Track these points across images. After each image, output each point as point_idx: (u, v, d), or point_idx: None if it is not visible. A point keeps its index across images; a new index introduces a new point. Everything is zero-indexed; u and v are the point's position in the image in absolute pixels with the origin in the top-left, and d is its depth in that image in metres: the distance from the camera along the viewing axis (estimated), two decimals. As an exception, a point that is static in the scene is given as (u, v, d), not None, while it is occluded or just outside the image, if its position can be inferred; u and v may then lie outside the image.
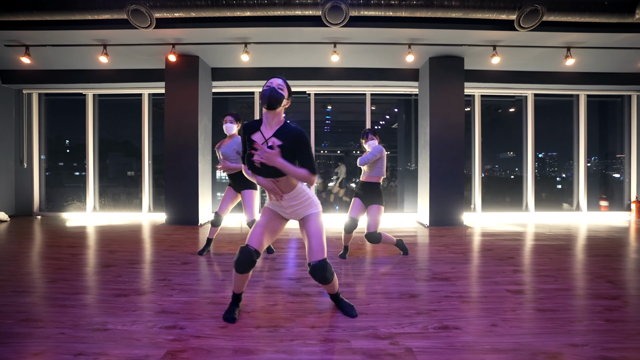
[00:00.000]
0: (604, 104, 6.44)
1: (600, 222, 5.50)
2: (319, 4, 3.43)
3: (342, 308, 1.95)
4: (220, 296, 2.22)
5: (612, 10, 3.63)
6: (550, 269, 2.85)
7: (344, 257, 3.15)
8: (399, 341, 1.61)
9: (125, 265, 2.95)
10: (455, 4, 3.50)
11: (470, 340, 1.62)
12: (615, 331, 1.72)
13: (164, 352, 1.53)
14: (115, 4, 3.51)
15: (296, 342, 1.62)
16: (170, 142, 4.93)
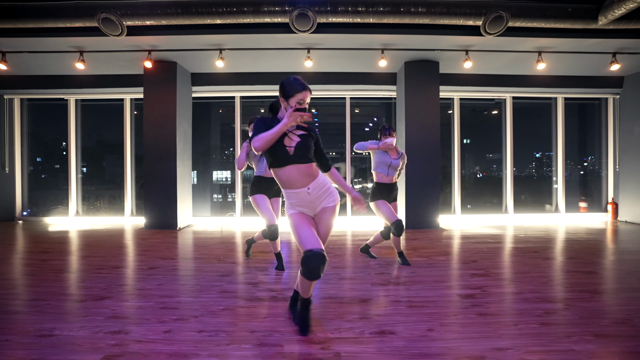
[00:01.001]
0: (584, 107, 6.52)
1: (577, 223, 5.57)
2: (287, 12, 3.49)
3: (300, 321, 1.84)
4: (175, 301, 2.27)
5: (576, 17, 3.69)
6: (509, 272, 2.91)
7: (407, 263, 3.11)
8: (330, 346, 1.65)
9: (93, 270, 3.00)
10: (422, 11, 3.56)
11: (401, 345, 1.67)
12: (545, 334, 1.77)
13: (101, 357, 1.58)
14: (87, 12, 3.55)
15: (231, 346, 1.66)
16: (150, 147, 4.98)
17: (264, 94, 5.81)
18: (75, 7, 3.56)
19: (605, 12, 3.62)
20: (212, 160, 6.34)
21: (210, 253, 3.64)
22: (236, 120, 5.88)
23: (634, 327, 1.84)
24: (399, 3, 3.52)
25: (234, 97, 5.81)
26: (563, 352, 1.59)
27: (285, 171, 1.72)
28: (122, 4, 3.55)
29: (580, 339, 1.71)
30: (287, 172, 1.72)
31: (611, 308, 2.12)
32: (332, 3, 3.50)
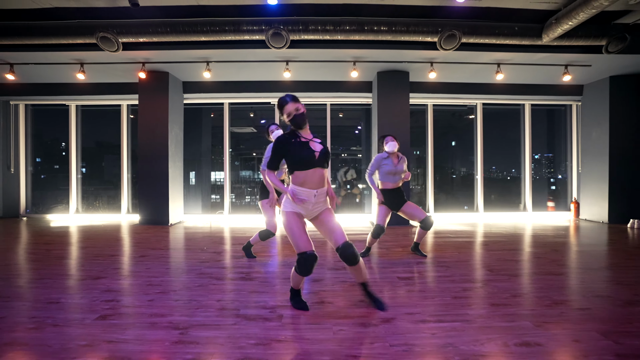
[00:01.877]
0: (552, 112, 6.96)
1: (541, 221, 6.00)
2: (264, 30, 3.93)
3: (373, 302, 2.12)
4: (159, 280, 2.70)
5: (522, 35, 4.13)
6: (451, 260, 3.34)
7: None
8: (276, 311, 2.09)
9: (91, 257, 3.43)
10: (384, 29, 4.01)
11: (333, 310, 2.11)
12: (452, 304, 2.21)
13: (97, 315, 2.00)
14: (87, 31, 4.00)
15: (199, 310, 2.10)
16: (143, 149, 5.43)
17: (250, 100, 6.27)
18: (77, 26, 4.00)
19: (547, 31, 4.06)
20: (203, 162, 6.79)
21: (196, 245, 4.09)
22: (225, 124, 6.32)
23: (526, 299, 2.29)
24: (363, 22, 3.97)
25: (222, 104, 6.27)
26: (459, 315, 2.02)
27: (308, 173, 1.99)
28: (118, 23, 3.99)
29: (478, 307, 2.16)
30: (310, 174, 1.99)
31: (517, 286, 2.56)
32: (304, 23, 3.94)
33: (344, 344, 1.69)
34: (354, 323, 1.92)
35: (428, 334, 1.79)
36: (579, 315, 2.03)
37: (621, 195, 5.58)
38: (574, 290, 2.49)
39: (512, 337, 1.74)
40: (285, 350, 1.63)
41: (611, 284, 2.61)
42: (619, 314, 2.04)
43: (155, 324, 1.93)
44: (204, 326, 1.89)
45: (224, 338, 1.76)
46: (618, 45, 4.12)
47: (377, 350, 1.63)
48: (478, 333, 1.79)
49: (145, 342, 1.71)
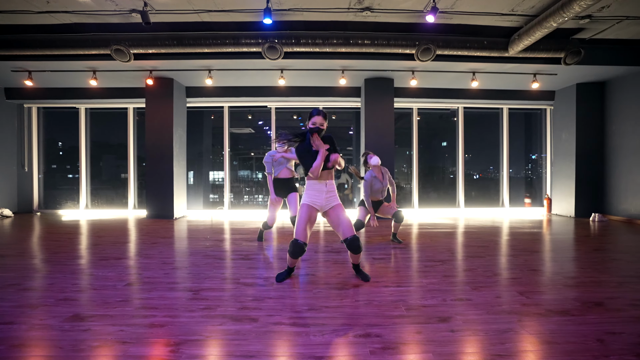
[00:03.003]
0: (529, 115, 7.50)
1: (516, 216, 6.54)
2: (260, 43, 4.42)
3: (360, 276, 2.60)
4: (171, 259, 3.19)
5: (490, 48, 4.65)
6: (422, 245, 3.86)
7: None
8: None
9: (109, 245, 3.92)
10: (367, 42, 4.50)
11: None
12: (407, 275, 2.72)
13: (125, 283, 2.49)
14: (102, 44, 4.47)
15: (202, 278, 2.59)
16: (150, 150, 5.91)
17: (248, 104, 6.76)
18: (93, 39, 4.47)
19: (512, 45, 4.58)
20: (205, 161, 7.27)
21: (199, 234, 4.58)
22: (224, 126, 6.81)
23: (473, 273, 2.82)
24: (349, 37, 4.47)
25: (222, 107, 6.75)
26: (415, 282, 2.54)
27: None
28: (131, 37, 4.46)
29: (432, 277, 2.67)
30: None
31: (470, 264, 3.08)
32: (296, 37, 4.43)
33: (320, 300, 2.19)
34: (330, 287, 2.43)
35: (386, 294, 2.29)
36: (509, 282, 2.54)
37: (586, 192, 6.13)
38: (513, 266, 3.00)
39: (450, 295, 2.25)
40: (274, 303, 2.13)
41: (546, 262, 3.13)
42: (539, 282, 2.56)
43: (173, 288, 2.42)
44: (211, 289, 2.39)
45: (227, 296, 2.26)
46: (574, 58, 4.65)
47: (345, 303, 2.13)
48: (426, 293, 2.30)
49: (167, 299, 2.21)
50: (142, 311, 2.00)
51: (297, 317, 1.94)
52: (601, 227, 5.23)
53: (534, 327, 1.80)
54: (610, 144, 6.03)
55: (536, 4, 3.95)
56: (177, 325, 1.83)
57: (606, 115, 6.11)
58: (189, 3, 3.93)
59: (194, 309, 2.05)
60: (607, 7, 3.95)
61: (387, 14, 4.22)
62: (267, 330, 1.78)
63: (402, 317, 1.93)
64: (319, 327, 1.80)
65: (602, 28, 4.52)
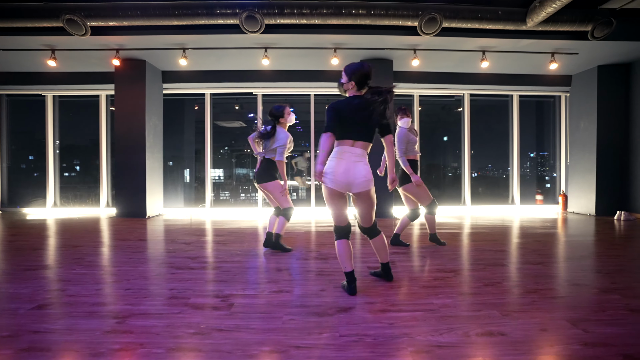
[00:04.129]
0: (541, 104, 6.85)
1: (527, 214, 5.88)
2: (237, 14, 3.78)
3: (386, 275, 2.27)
4: (117, 269, 2.56)
5: (506, 19, 4.00)
6: (416, 249, 3.21)
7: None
8: (229, 299, 1.96)
9: (53, 249, 3.28)
10: (362, 13, 3.86)
11: (288, 299, 1.98)
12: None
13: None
14: (52, 13, 3.82)
15: (147, 298, 1.96)
16: (120, 141, 5.26)
17: (232, 91, 6.10)
18: (42, 8, 3.82)
19: (532, 14, 3.93)
20: (200, 157, 6.60)
21: (168, 236, 3.93)
22: (206, 116, 6.16)
23: (498, 288, 2.18)
24: (341, 5, 3.82)
25: (204, 94, 6.10)
26: (422, 304, 1.91)
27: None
28: (85, 5, 3.82)
29: (446, 296, 2.03)
30: None
31: (492, 275, 2.44)
32: (279, 5, 3.79)
33: (291, 333, 1.55)
34: (308, 312, 1.79)
35: (385, 323, 1.65)
36: (551, 304, 1.90)
37: (608, 188, 5.47)
38: (549, 279, 2.36)
39: (475, 327, 1.61)
40: (223, 340, 1.49)
41: (589, 273, 2.49)
42: (592, 302, 1.92)
43: (94, 313, 1.78)
44: (145, 315, 1.75)
45: (161, 327, 1.61)
46: (604, 30, 4.00)
47: (323, 340, 1.49)
48: (439, 323, 1.66)
49: (74, 332, 1.56)
50: (22, 356, 1.37)
51: (250, 366, 1.31)
52: (628, 226, 4.59)
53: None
54: (637, 133, 5.37)
55: (564, -40, 3.32)
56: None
57: (631, 101, 5.44)
58: (148, -41, 3.30)
59: (103, 350, 1.42)
60: (649, -36, 3.33)
61: (386, -23, 3.59)
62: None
63: (406, 365, 1.30)
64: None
65: (637, -6, 3.89)
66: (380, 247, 2.20)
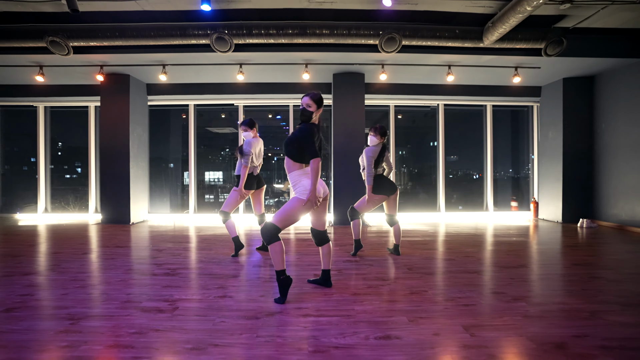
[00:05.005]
0: (516, 113, 7.06)
1: (499, 220, 6.12)
2: (209, 35, 4.04)
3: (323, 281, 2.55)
4: (85, 275, 2.82)
5: (463, 37, 4.23)
6: (373, 258, 3.45)
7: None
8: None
9: (34, 254, 3.55)
10: (326, 32, 4.11)
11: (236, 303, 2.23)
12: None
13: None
14: (37, 35, 4.10)
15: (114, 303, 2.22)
16: (104, 151, 5.55)
17: (213, 102, 6.38)
18: (28, 30, 4.10)
19: (487, 34, 4.16)
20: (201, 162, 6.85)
21: (145, 243, 4.20)
22: (190, 125, 6.43)
23: (421, 296, 2.43)
24: (305, 26, 4.07)
25: (187, 105, 6.37)
26: (343, 310, 2.15)
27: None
28: (67, 27, 4.09)
29: (369, 303, 2.28)
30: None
31: (424, 284, 2.68)
32: (247, 27, 4.04)
33: (216, 334, 1.80)
34: (239, 316, 2.03)
35: (301, 327, 1.89)
36: (460, 311, 2.13)
37: (574, 196, 5.69)
38: (474, 287, 2.58)
39: (377, 331, 1.84)
40: (156, 339, 1.74)
41: (516, 282, 2.71)
42: (497, 309, 2.15)
43: (54, 315, 2.04)
44: (98, 317, 2.01)
45: (108, 327, 1.87)
46: (556, 48, 4.23)
47: (241, 340, 1.74)
48: (349, 327, 1.89)
49: (32, 332, 1.82)
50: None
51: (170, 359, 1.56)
52: (589, 234, 4.80)
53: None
54: (600, 143, 5.58)
55: (509, -14, 3.55)
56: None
57: (595, 113, 5.67)
58: (121, -12, 3.57)
59: (50, 346, 1.68)
60: (588, -11, 3.55)
61: (344, 1, 3.82)
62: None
63: (299, 362, 1.54)
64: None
65: (586, 15, 4.09)
66: (326, 253, 2.47)
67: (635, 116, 4.93)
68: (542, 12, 4.03)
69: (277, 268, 2.25)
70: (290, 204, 2.27)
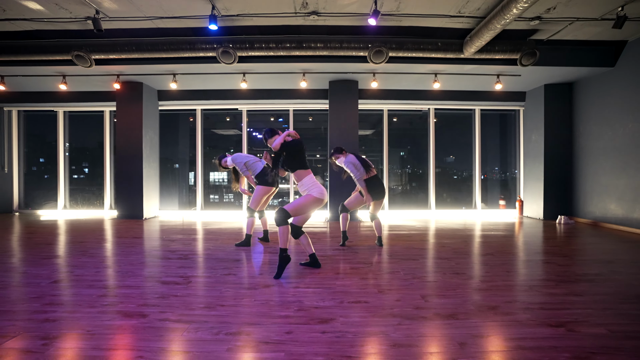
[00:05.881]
0: (504, 117, 7.45)
1: (486, 218, 6.53)
2: (215, 48, 4.52)
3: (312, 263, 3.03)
4: (114, 259, 3.30)
5: (445, 49, 4.66)
6: (363, 247, 3.90)
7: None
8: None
9: (63, 243, 4.06)
10: (320, 46, 4.57)
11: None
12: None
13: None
14: (64, 50, 4.62)
15: (142, 279, 2.70)
16: (120, 152, 6.07)
17: (219, 107, 6.87)
18: (55, 45, 4.63)
19: (466, 46, 4.59)
20: (207, 163, 7.36)
21: (158, 235, 4.70)
22: (197, 128, 6.93)
23: (394, 275, 2.87)
24: (302, 40, 4.53)
25: (195, 109, 6.88)
26: (326, 284, 2.61)
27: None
28: (90, 42, 4.61)
29: (348, 278, 2.73)
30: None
31: (400, 266, 3.13)
32: (249, 41, 4.52)
33: (222, 299, 2.27)
34: (241, 287, 2.50)
35: (290, 295, 2.36)
36: (423, 285, 2.58)
37: (554, 194, 6.08)
38: (440, 269, 3.03)
39: (351, 298, 2.30)
40: (176, 301, 2.22)
41: (477, 265, 3.15)
42: (453, 285, 2.59)
43: (92, 285, 2.53)
44: (127, 287, 2.50)
45: (137, 294, 2.35)
46: (530, 59, 4.64)
47: (242, 303, 2.20)
48: (328, 295, 2.35)
49: (78, 295, 2.32)
50: (46, 307, 2.11)
51: (186, 314, 2.02)
52: (565, 229, 5.19)
53: (403, 332, 1.83)
54: (578, 146, 5.97)
55: (481, 5, 3.96)
56: (68, 320, 1.93)
57: (574, 117, 6.05)
58: (139, 10, 4.05)
59: (97, 305, 2.15)
60: (553, 8, 3.94)
61: (336, 18, 4.28)
62: (149, 326, 1.86)
63: (287, 317, 1.99)
64: (197, 325, 1.88)
65: (556, 29, 4.50)
66: (306, 243, 2.93)
67: (606, 121, 5.33)
68: (515, 27, 4.45)
69: (281, 246, 2.75)
70: (304, 198, 2.78)
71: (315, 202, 2.78)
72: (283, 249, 2.75)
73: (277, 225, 2.74)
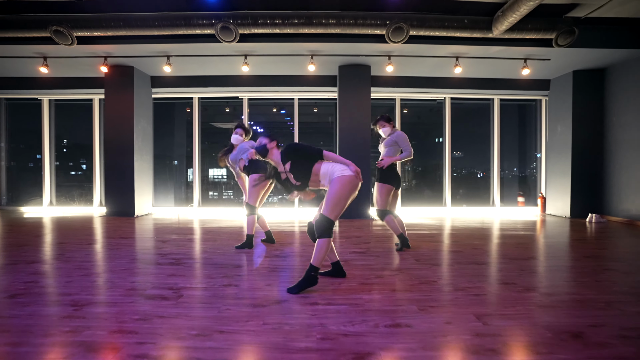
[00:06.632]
0: (523, 107, 6.95)
1: (506, 216, 6.04)
2: (213, 24, 3.99)
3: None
4: (90, 264, 2.80)
5: (472, 27, 4.15)
6: (377, 248, 3.41)
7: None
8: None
9: (40, 244, 3.55)
10: (332, 22, 4.04)
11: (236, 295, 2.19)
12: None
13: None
14: (41, 25, 4.08)
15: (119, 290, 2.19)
16: (109, 143, 5.54)
17: (217, 95, 6.33)
18: (31, 20, 4.08)
19: (496, 23, 4.07)
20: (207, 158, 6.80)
21: (149, 235, 4.19)
22: (194, 119, 6.40)
23: (430, 286, 2.38)
24: (311, 16, 4.01)
25: (192, 98, 6.34)
26: (351, 299, 2.11)
27: None
28: (71, 17, 4.06)
29: (377, 292, 2.23)
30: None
31: (432, 274, 2.63)
32: (252, 16, 3.99)
33: (221, 321, 1.76)
34: (245, 304, 2.00)
35: (308, 315, 1.85)
36: (470, 300, 2.08)
37: (582, 191, 5.59)
38: (484, 278, 2.53)
39: (387, 319, 1.80)
40: (161, 325, 1.71)
41: (526, 273, 2.65)
42: (508, 299, 2.09)
43: (58, 301, 2.02)
44: (102, 304, 1.98)
45: (111, 314, 1.84)
46: (567, 38, 4.12)
47: (247, 327, 1.70)
48: (358, 315, 1.85)
49: (35, 317, 1.80)
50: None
51: (173, 346, 1.50)
52: (598, 229, 4.71)
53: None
54: (610, 138, 5.47)
55: (520, -27, 3.46)
56: (12, 356, 1.43)
57: (606, 106, 5.55)
58: (125, -24, 3.53)
59: (54, 332, 1.63)
60: (602, -24, 3.45)
61: (352, -11, 3.77)
62: (120, 367, 1.36)
63: (308, 351, 1.49)
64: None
65: (598, 4, 3.98)
66: (330, 249, 2.42)
67: (647, 109, 4.84)
68: (553, 0, 3.94)
69: (314, 263, 2.19)
70: (336, 188, 2.15)
71: (352, 183, 2.16)
72: (316, 268, 2.18)
73: (320, 237, 2.18)
